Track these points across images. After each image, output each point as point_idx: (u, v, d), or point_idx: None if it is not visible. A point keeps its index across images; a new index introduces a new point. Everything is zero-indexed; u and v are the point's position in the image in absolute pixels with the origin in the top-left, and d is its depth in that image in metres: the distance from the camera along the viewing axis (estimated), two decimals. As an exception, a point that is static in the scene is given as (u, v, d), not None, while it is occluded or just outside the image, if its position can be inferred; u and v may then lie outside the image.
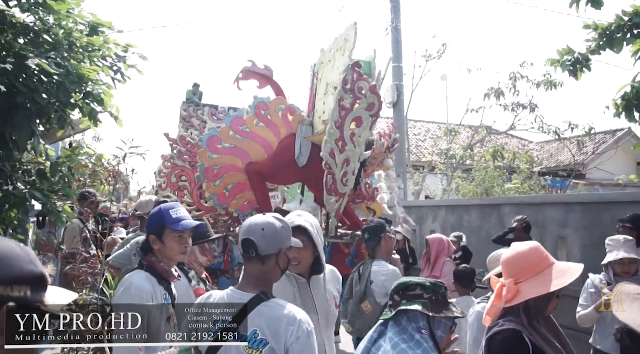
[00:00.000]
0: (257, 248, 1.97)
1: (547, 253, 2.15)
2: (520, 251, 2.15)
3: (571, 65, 5.90)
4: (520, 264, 2.11)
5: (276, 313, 1.92)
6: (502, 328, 2.03)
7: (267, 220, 2.02)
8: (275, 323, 1.90)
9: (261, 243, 1.97)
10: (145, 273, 2.52)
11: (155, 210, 2.66)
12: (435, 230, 8.87)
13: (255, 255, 1.97)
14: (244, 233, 2.01)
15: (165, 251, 2.58)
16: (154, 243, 2.56)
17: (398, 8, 10.93)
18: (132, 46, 3.95)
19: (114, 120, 4.07)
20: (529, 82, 11.87)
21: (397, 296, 2.14)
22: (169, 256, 2.62)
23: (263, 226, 1.99)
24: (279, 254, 2.02)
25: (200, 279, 3.27)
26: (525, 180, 12.14)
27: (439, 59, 12.98)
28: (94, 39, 3.47)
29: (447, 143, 13.76)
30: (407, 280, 2.17)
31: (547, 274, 2.06)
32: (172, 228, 2.56)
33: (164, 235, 2.56)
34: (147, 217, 2.69)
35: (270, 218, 2.04)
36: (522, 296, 2.03)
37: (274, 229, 2.00)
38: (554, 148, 20.74)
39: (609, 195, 6.15)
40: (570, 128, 11.65)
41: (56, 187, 3.32)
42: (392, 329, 2.06)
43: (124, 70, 3.98)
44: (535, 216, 6.64)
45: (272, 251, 2.00)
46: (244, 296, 1.97)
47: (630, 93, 5.33)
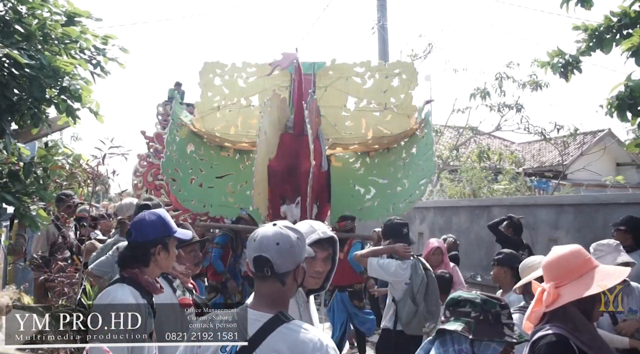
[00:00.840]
0: (273, 265, 1.73)
1: (590, 257, 2.08)
2: (561, 254, 2.10)
3: (562, 67, 5.83)
4: (560, 268, 2.05)
5: (300, 337, 1.70)
6: (547, 333, 1.96)
7: (281, 232, 1.77)
8: (299, 348, 1.68)
9: (277, 260, 1.73)
10: (129, 287, 2.29)
11: (152, 217, 2.40)
12: (423, 232, 8.75)
13: (272, 274, 1.74)
14: (256, 249, 1.76)
15: (165, 263, 2.39)
16: (157, 254, 2.34)
17: (385, 7, 10.81)
18: (112, 37, 3.69)
19: (94, 116, 3.84)
20: (515, 82, 11.86)
21: (447, 312, 2.03)
22: (165, 267, 2.44)
23: (278, 240, 1.75)
24: (297, 269, 1.80)
25: (186, 288, 3.05)
26: (511, 181, 12.11)
27: (425, 59, 12.86)
28: (70, 30, 3.22)
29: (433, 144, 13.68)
30: (458, 295, 2.03)
31: (589, 277, 1.98)
32: (177, 238, 2.39)
33: (169, 245, 2.38)
34: (140, 225, 2.37)
35: (284, 230, 1.79)
36: (562, 299, 1.96)
37: (290, 242, 1.76)
38: (536, 149, 20.86)
39: (601, 197, 6.09)
40: (556, 130, 11.66)
41: (30, 189, 3.07)
42: (436, 350, 1.95)
43: (103, 63, 3.73)
44: (526, 218, 6.55)
45: (290, 268, 1.77)
46: (261, 317, 1.74)
47: (623, 93, 5.26)
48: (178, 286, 2.96)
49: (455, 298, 2.02)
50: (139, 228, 2.38)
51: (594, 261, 2.07)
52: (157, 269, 2.41)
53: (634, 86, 5.20)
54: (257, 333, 1.70)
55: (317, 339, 1.70)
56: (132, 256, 2.36)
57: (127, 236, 2.43)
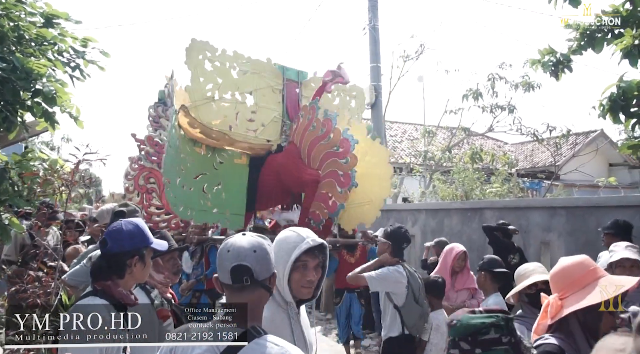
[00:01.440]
0: (253, 273, 1.72)
1: (596, 267, 2.04)
2: (565, 266, 2.08)
3: (553, 65, 5.76)
4: (565, 279, 2.03)
5: (271, 352, 1.64)
6: (544, 342, 1.94)
7: (256, 240, 1.79)
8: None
9: (257, 268, 1.73)
10: (102, 300, 2.19)
11: (130, 227, 2.30)
12: (415, 234, 8.66)
13: (251, 282, 1.73)
14: (234, 259, 1.73)
15: (141, 274, 2.31)
16: (133, 266, 2.26)
17: (376, 7, 10.71)
18: (91, 40, 3.59)
19: (74, 122, 3.72)
20: (508, 83, 11.82)
21: (465, 344, 1.65)
22: (140, 279, 2.36)
23: (254, 248, 1.76)
24: (272, 277, 1.81)
25: (164, 298, 2.93)
26: (504, 182, 12.07)
27: (417, 60, 12.81)
28: (44, 31, 3.11)
29: (425, 145, 13.62)
30: (475, 321, 1.66)
31: (592, 287, 1.94)
32: (154, 248, 2.31)
33: (146, 256, 2.30)
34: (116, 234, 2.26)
35: (256, 238, 1.81)
36: (565, 311, 1.94)
37: (265, 250, 1.79)
38: (529, 149, 20.88)
39: (594, 200, 6.02)
40: (549, 131, 11.62)
41: (2, 197, 2.96)
42: None
43: (83, 66, 3.63)
44: (518, 220, 6.48)
45: (267, 275, 1.78)
46: (232, 331, 1.69)
47: (616, 94, 5.20)
48: (156, 297, 2.85)
49: (473, 324, 1.65)
50: (116, 237, 2.27)
51: (600, 271, 2.02)
52: (132, 280, 2.32)
53: (627, 87, 5.14)
54: (228, 349, 1.66)
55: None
56: (106, 267, 2.25)
57: (101, 245, 2.32)
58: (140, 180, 6.36)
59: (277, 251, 2.13)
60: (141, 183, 6.21)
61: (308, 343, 2.26)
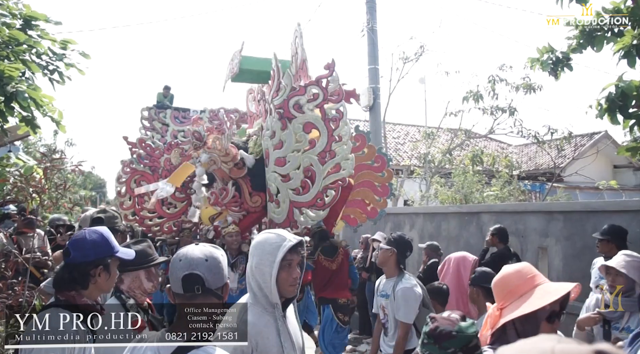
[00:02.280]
0: (204, 282, 1.75)
1: (536, 274, 1.95)
2: (504, 274, 1.99)
3: (552, 64, 5.65)
4: (503, 289, 1.95)
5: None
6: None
7: (208, 250, 1.83)
8: None
9: (208, 276, 1.76)
10: (64, 311, 2.09)
11: (94, 236, 2.23)
12: (412, 238, 8.55)
13: (202, 291, 1.75)
14: (185, 268, 1.77)
15: (106, 284, 2.25)
16: (97, 276, 2.19)
17: (374, 9, 10.62)
18: (71, 42, 3.52)
19: (56, 126, 3.66)
20: (508, 85, 11.68)
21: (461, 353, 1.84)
22: (106, 289, 2.30)
23: (206, 257, 1.79)
24: (224, 287, 1.84)
25: (141, 308, 2.85)
26: (504, 184, 11.93)
27: (417, 61, 12.71)
28: (16, 33, 3.04)
29: (426, 147, 13.50)
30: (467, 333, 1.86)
31: (528, 296, 1.87)
32: (119, 257, 2.26)
33: (110, 265, 2.24)
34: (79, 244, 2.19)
35: (209, 248, 1.85)
36: (502, 321, 1.87)
37: (217, 259, 1.82)
38: (533, 151, 20.71)
39: (592, 204, 5.89)
40: (550, 133, 11.48)
41: (-24, 203, 2.90)
42: None
43: (63, 69, 3.57)
44: (515, 225, 6.37)
45: (220, 284, 1.81)
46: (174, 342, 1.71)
47: (614, 94, 5.08)
48: (131, 307, 2.77)
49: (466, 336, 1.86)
50: (79, 247, 2.20)
51: (539, 279, 1.93)
52: (97, 291, 2.24)
53: (626, 87, 5.03)
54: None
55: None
56: (69, 278, 2.18)
57: (64, 255, 2.24)
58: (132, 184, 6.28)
59: (259, 253, 2.16)
60: (133, 186, 6.12)
61: (296, 344, 2.25)
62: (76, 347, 2.09)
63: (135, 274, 2.75)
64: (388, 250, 4.02)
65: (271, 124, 5.12)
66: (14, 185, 2.92)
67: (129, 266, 2.69)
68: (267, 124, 5.27)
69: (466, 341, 1.84)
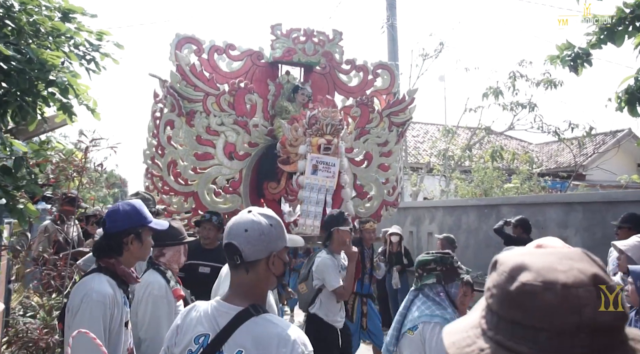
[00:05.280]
0: (241, 253, 1.67)
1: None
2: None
3: (571, 60, 5.67)
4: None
5: (267, 331, 1.62)
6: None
7: (252, 219, 1.71)
8: (264, 343, 1.60)
9: (245, 248, 1.67)
10: (105, 276, 2.31)
11: (126, 207, 2.41)
12: (432, 231, 8.64)
13: (241, 262, 1.68)
14: (226, 236, 1.72)
15: (139, 252, 2.41)
16: (130, 244, 2.36)
17: (394, 5, 10.71)
18: (106, 34, 3.71)
19: (91, 114, 3.84)
20: (529, 81, 11.64)
21: (420, 270, 2.89)
22: (140, 257, 2.45)
23: (247, 227, 1.68)
24: (270, 258, 1.71)
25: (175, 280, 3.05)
26: (525, 181, 11.89)
27: (437, 58, 12.71)
28: (58, 24, 3.22)
29: (446, 144, 13.52)
30: (425, 258, 2.88)
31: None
32: (152, 228, 2.40)
33: (143, 235, 2.39)
34: (113, 215, 2.40)
35: (256, 216, 1.72)
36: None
37: (260, 229, 1.68)
38: (554, 149, 20.53)
39: (611, 195, 5.91)
40: (571, 129, 11.40)
41: (20, 184, 3.08)
42: (420, 297, 2.82)
43: (98, 59, 3.75)
44: (535, 216, 6.41)
45: (261, 256, 1.69)
46: (231, 310, 1.67)
47: (634, 87, 5.11)
48: (171, 277, 2.96)
49: (423, 260, 2.88)
50: (112, 218, 2.40)
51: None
52: (132, 258, 2.43)
53: (646, 79, 5.05)
54: (226, 327, 1.64)
55: (285, 333, 1.62)
56: (106, 246, 2.39)
57: (102, 225, 2.44)
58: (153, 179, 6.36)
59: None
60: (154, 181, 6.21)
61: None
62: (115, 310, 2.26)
63: (177, 248, 2.98)
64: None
65: (385, 133, 5.89)
66: (56, 165, 3.12)
67: (172, 240, 2.93)
68: (377, 130, 5.87)
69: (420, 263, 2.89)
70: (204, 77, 4.98)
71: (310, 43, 5.59)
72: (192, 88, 4.87)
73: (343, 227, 4.27)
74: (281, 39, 5.48)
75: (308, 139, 4.82)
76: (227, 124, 5.03)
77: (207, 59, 5.25)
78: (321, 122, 4.82)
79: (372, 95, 6.08)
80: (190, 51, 5.16)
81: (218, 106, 4.99)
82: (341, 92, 6.04)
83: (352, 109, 5.76)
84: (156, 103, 5.37)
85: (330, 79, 6.03)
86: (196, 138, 4.91)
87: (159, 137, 4.95)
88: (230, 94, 5.03)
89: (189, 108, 4.87)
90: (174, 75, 4.81)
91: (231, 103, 5.05)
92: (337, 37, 5.88)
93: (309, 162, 4.79)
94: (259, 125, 5.25)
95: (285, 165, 5.01)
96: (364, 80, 6.14)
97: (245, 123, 5.13)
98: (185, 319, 1.76)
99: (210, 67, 5.22)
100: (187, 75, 4.85)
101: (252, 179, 5.30)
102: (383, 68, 6.29)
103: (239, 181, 5.13)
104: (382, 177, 5.98)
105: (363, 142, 5.76)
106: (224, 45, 5.41)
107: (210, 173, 5.00)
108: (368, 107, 5.80)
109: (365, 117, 5.77)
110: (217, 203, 5.07)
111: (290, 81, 5.74)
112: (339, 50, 5.95)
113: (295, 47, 5.50)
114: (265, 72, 5.68)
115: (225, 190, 5.08)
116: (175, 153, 4.92)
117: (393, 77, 6.32)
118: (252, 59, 5.58)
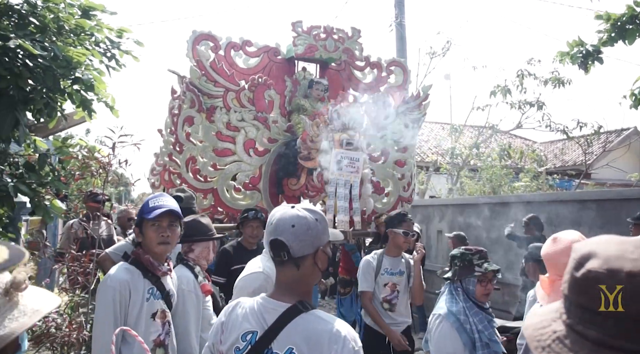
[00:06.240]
0: (289, 250, 1.64)
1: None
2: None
3: (582, 57, 5.67)
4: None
5: (317, 327, 1.61)
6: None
7: (298, 214, 1.67)
8: (315, 340, 1.58)
9: (293, 244, 1.64)
10: (128, 265, 2.48)
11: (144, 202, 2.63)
12: (442, 229, 8.63)
13: (288, 258, 1.65)
14: (272, 232, 1.68)
15: (145, 242, 2.51)
16: (138, 236, 2.54)
17: (402, 3, 10.69)
18: (126, 31, 3.73)
19: (110, 111, 3.86)
20: (537, 79, 11.61)
21: (449, 265, 3.05)
22: (149, 247, 2.52)
23: (294, 222, 1.65)
24: (317, 253, 1.69)
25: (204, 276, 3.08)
26: (532, 179, 11.87)
27: (444, 56, 12.70)
28: (82, 22, 3.24)
29: (452, 142, 13.50)
30: (452, 253, 3.04)
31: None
32: (146, 218, 2.49)
33: (143, 227, 2.50)
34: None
35: (301, 211, 1.69)
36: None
37: (307, 224, 1.65)
38: (559, 148, 20.48)
39: (625, 192, 5.91)
40: (579, 127, 11.39)
41: (45, 180, 3.10)
42: (444, 290, 2.98)
43: (118, 56, 3.77)
44: (547, 215, 6.41)
45: (308, 252, 1.66)
46: (279, 307, 1.65)
47: (648, 85, 5.11)
48: (199, 272, 2.98)
49: (450, 255, 3.03)
50: None
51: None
52: (150, 251, 2.52)
53: (660, 78, 5.05)
54: (275, 324, 1.62)
55: (335, 330, 1.61)
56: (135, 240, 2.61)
57: None
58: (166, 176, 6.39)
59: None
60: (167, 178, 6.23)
61: None
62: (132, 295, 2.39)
63: (205, 244, 3.02)
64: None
65: (400, 130, 5.81)
66: (81, 162, 3.13)
67: (200, 236, 2.97)
68: (393, 127, 5.78)
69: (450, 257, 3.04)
70: (224, 73, 4.98)
71: (331, 40, 5.60)
72: (212, 84, 4.89)
73: (397, 229, 4.15)
74: (303, 36, 5.48)
75: (331, 134, 4.82)
76: (247, 120, 5.06)
77: (224, 55, 5.26)
78: (343, 117, 4.84)
79: (386, 91, 6.10)
80: (208, 48, 5.17)
81: (238, 102, 5.01)
82: (356, 88, 6.06)
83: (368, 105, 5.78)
84: (174, 99, 5.34)
85: (345, 76, 6.04)
86: (216, 134, 4.93)
87: (177, 133, 4.94)
88: (250, 90, 5.05)
89: (209, 104, 4.89)
90: (194, 71, 4.82)
91: (251, 99, 5.07)
92: (356, 34, 5.89)
93: (334, 158, 4.79)
94: (278, 121, 5.28)
95: (306, 161, 5.02)
96: (378, 77, 6.15)
97: (265, 119, 5.16)
98: (230, 316, 1.74)
99: (227, 64, 5.23)
100: (207, 70, 4.87)
101: (272, 175, 5.31)
102: (396, 65, 6.32)
103: (259, 178, 5.17)
104: (399, 172, 6.04)
105: (380, 137, 5.77)
106: (241, 42, 5.42)
107: (230, 170, 5.02)
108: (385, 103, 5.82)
109: (382, 113, 5.80)
110: (237, 199, 5.08)
111: (306, 78, 5.76)
112: (358, 47, 5.97)
113: (317, 44, 5.52)
114: (282, 69, 5.69)
115: (245, 186, 5.10)
116: (194, 150, 4.91)
117: (406, 74, 6.34)
118: (269, 55, 5.59)
